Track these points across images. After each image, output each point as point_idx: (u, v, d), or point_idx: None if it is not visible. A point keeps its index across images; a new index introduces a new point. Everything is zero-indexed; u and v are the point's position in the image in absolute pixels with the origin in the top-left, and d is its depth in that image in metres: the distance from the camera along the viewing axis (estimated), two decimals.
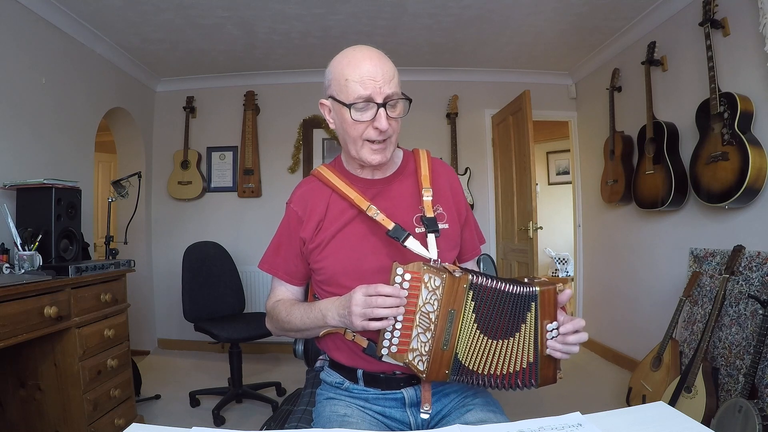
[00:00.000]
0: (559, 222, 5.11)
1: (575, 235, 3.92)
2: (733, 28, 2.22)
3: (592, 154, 3.61)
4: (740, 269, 2.11)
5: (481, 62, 3.70)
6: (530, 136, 3.20)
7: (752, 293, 2.02)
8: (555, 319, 0.86)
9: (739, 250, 2.10)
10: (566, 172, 5.13)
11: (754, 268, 2.05)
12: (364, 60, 0.93)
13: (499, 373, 0.87)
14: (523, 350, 0.87)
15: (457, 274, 0.85)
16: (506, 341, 0.86)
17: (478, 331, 0.87)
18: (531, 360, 0.87)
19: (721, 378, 2.13)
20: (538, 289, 0.85)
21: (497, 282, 0.86)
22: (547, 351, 0.86)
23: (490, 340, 0.86)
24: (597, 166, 3.43)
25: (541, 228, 3.19)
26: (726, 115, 2.11)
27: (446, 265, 0.89)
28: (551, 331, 0.86)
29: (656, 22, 2.80)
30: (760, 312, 1.85)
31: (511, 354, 0.87)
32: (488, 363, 0.87)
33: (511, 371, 0.87)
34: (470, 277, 0.85)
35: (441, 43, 3.30)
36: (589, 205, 3.71)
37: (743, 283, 2.09)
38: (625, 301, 3.21)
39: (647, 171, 2.67)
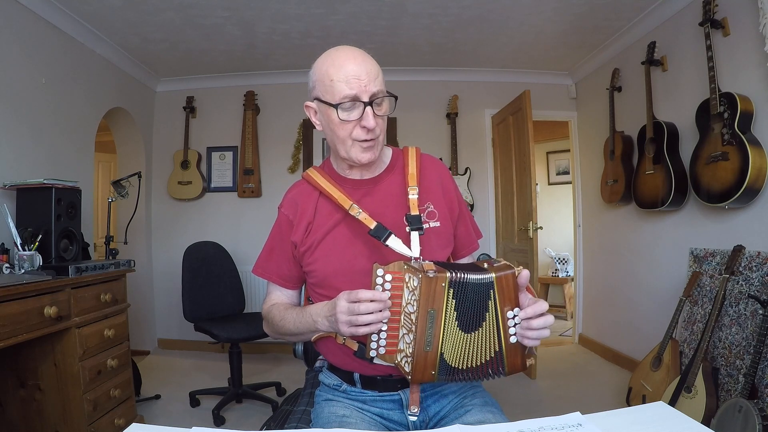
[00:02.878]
0: (559, 222, 5.10)
1: (575, 235, 3.92)
2: (733, 28, 2.22)
3: (592, 154, 3.61)
4: (740, 269, 2.11)
5: (481, 62, 3.70)
6: (530, 136, 3.19)
7: (752, 293, 2.02)
8: (516, 304, 0.84)
9: (739, 250, 2.10)
10: (566, 172, 5.12)
11: (754, 268, 2.05)
12: (348, 60, 0.92)
13: (473, 366, 0.86)
14: (489, 340, 0.85)
15: (430, 274, 0.82)
16: (476, 333, 0.85)
17: (459, 329, 0.85)
18: (497, 349, 0.85)
19: (721, 378, 2.13)
20: (493, 275, 0.83)
21: (465, 273, 0.84)
22: (512, 339, 0.85)
23: (465, 335, 0.85)
24: (597, 166, 3.43)
25: (541, 228, 3.19)
26: (726, 115, 2.11)
27: (425, 263, 0.87)
28: (512, 318, 0.84)
29: (656, 22, 2.80)
30: (760, 312, 1.85)
31: (479, 345, 0.85)
32: (466, 357, 0.86)
33: (482, 362, 0.86)
34: (449, 274, 0.83)
35: (441, 43, 3.30)
36: (589, 205, 3.71)
37: (743, 283, 2.09)
38: (625, 301, 3.21)
39: (647, 171, 2.67)
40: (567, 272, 4.98)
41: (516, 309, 0.84)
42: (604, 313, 3.52)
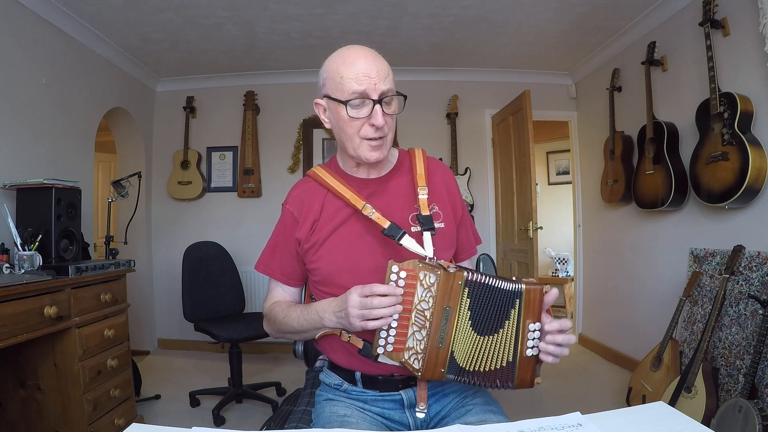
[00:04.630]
0: (559, 222, 5.11)
1: (575, 235, 3.92)
2: (733, 28, 2.22)
3: (592, 154, 3.61)
4: (740, 269, 2.11)
5: (481, 62, 3.70)
6: (530, 136, 3.20)
7: (752, 293, 2.02)
8: (539, 320, 0.85)
9: (739, 250, 2.10)
10: (566, 172, 5.13)
11: (754, 268, 2.04)
12: (359, 58, 0.93)
13: (481, 370, 0.86)
14: (504, 348, 0.86)
15: (451, 270, 0.84)
16: (490, 338, 0.86)
17: (472, 329, 0.86)
18: (510, 359, 0.86)
19: (721, 378, 2.13)
20: (524, 286, 0.84)
21: (489, 278, 0.85)
22: (528, 351, 0.85)
23: (478, 336, 0.86)
24: (597, 166, 3.43)
25: (541, 228, 3.19)
26: (726, 115, 2.11)
27: (441, 261, 0.88)
28: (533, 331, 0.85)
29: (656, 22, 2.80)
30: (760, 312, 1.85)
31: (493, 351, 0.86)
32: (476, 360, 0.86)
33: (492, 369, 0.86)
34: (465, 273, 0.85)
35: (441, 43, 3.30)
36: (589, 205, 3.71)
37: (743, 283, 2.09)
38: (625, 301, 3.21)
39: (647, 171, 2.67)
40: (567, 272, 4.98)
41: (537, 323, 0.85)
42: (604, 313, 3.52)
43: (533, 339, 0.85)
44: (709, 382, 1.99)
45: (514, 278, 0.87)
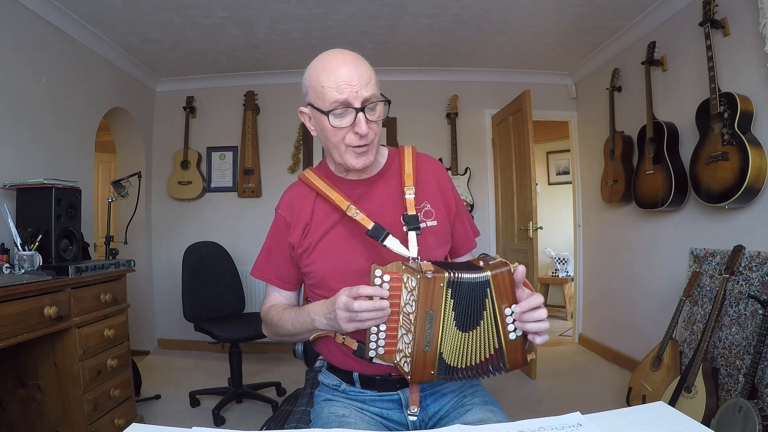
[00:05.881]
0: (559, 222, 5.10)
1: (575, 235, 3.92)
2: (733, 28, 2.22)
3: (592, 154, 3.61)
4: (740, 269, 2.11)
5: (481, 62, 3.70)
6: (530, 136, 3.19)
7: (752, 293, 2.02)
8: (514, 301, 0.85)
9: (739, 250, 2.10)
10: (566, 172, 5.12)
11: (754, 268, 2.04)
12: (339, 65, 0.91)
13: (472, 364, 0.86)
14: (488, 338, 0.85)
15: (429, 275, 0.82)
16: (474, 332, 0.85)
17: (457, 328, 0.85)
18: (497, 346, 0.86)
19: (721, 378, 2.13)
20: (489, 273, 0.83)
21: (463, 272, 0.84)
22: (511, 335, 0.85)
23: (463, 334, 0.85)
24: (597, 166, 3.43)
25: (541, 228, 3.19)
26: (726, 115, 2.11)
27: (422, 263, 0.87)
28: (510, 315, 0.85)
29: (656, 22, 2.80)
30: (760, 312, 1.85)
31: (479, 344, 0.86)
32: (465, 356, 0.86)
33: (482, 360, 0.86)
34: (447, 274, 0.83)
35: (441, 43, 3.30)
36: (589, 205, 3.71)
37: (743, 283, 2.09)
38: (625, 301, 3.21)
39: (647, 171, 2.67)
40: (567, 272, 4.98)
41: (514, 306, 0.85)
42: (604, 313, 3.52)
43: (512, 322, 0.85)
44: (709, 382, 1.99)
45: (481, 263, 0.86)
